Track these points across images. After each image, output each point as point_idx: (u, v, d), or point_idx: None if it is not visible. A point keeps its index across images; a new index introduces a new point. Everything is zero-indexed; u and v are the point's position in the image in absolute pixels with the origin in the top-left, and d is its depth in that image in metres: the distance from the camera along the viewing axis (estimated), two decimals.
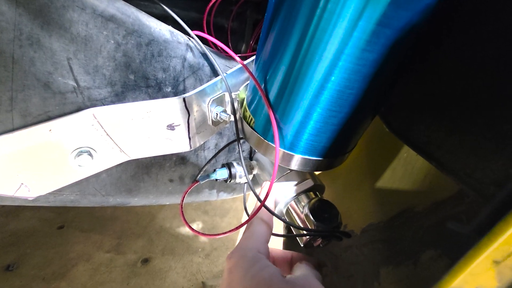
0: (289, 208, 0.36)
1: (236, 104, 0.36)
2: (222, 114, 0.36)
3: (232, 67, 0.40)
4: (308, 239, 0.32)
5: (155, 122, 0.33)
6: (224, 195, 0.56)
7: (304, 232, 0.32)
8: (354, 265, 0.40)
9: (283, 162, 0.29)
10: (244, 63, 0.35)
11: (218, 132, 0.45)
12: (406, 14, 0.19)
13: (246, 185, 0.43)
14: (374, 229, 0.38)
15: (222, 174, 0.39)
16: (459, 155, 0.23)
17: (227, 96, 0.38)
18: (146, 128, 0.33)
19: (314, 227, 0.31)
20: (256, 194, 0.32)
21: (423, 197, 0.32)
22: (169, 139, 0.35)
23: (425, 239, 0.30)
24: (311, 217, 0.32)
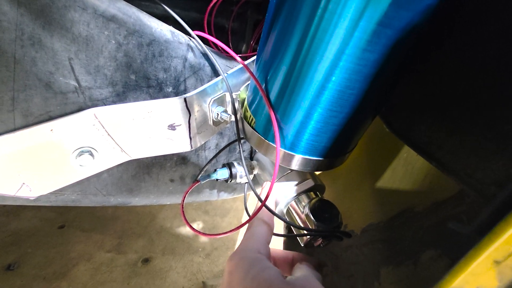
0: (289, 208, 0.36)
1: (237, 104, 0.36)
2: (223, 114, 0.36)
3: (232, 67, 0.40)
4: (309, 239, 0.32)
5: (156, 122, 0.33)
6: (224, 195, 0.57)
7: (305, 232, 0.32)
8: (354, 265, 0.40)
9: (283, 162, 0.29)
10: (245, 63, 0.35)
11: (218, 132, 0.45)
12: (407, 14, 0.19)
13: (246, 185, 0.43)
14: (374, 229, 0.38)
15: (222, 174, 0.39)
16: (460, 155, 0.23)
17: (228, 96, 0.38)
18: (147, 128, 0.33)
19: (315, 227, 0.31)
20: (257, 194, 0.32)
21: (423, 197, 0.32)
22: (170, 139, 0.36)
23: (425, 239, 0.30)
24: (311, 217, 0.32)
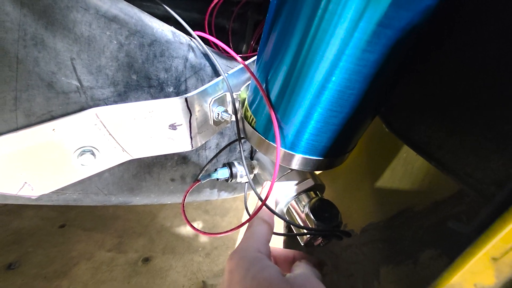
0: (289, 208, 0.36)
1: (237, 104, 0.36)
2: (224, 114, 0.36)
3: (233, 68, 0.40)
4: (309, 238, 0.32)
5: (157, 121, 0.34)
6: (225, 195, 0.57)
7: (305, 231, 0.32)
8: (354, 264, 0.40)
9: (284, 162, 0.29)
10: (245, 63, 0.35)
11: (219, 132, 0.45)
12: (407, 15, 0.19)
13: (247, 184, 0.43)
14: (374, 228, 0.38)
15: (223, 174, 0.39)
16: (460, 155, 0.23)
17: (228, 96, 0.38)
18: (148, 127, 0.33)
19: (315, 226, 0.32)
20: (258, 194, 0.32)
21: (423, 197, 0.32)
22: (171, 139, 0.36)
23: (425, 239, 0.30)
24: (311, 216, 0.32)
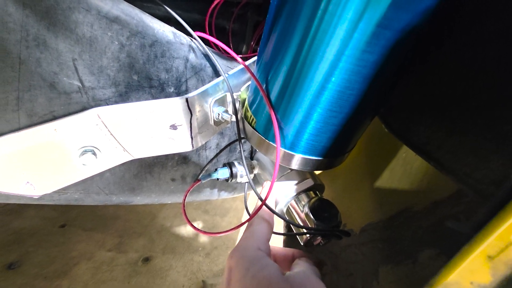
0: (289, 207, 0.36)
1: (237, 105, 0.37)
2: (224, 114, 0.37)
3: (233, 68, 0.40)
4: (308, 237, 0.32)
5: (158, 122, 0.34)
6: (225, 194, 0.57)
7: (304, 231, 0.33)
8: (354, 264, 0.40)
9: (283, 162, 0.30)
10: (245, 63, 0.36)
11: (219, 132, 0.45)
12: (406, 16, 0.19)
13: (247, 184, 0.43)
14: (373, 228, 0.38)
15: (223, 174, 0.39)
16: (459, 155, 0.24)
17: (228, 97, 0.38)
18: (149, 127, 0.34)
19: (314, 225, 0.32)
20: (258, 193, 0.32)
21: (422, 197, 0.32)
22: (171, 139, 0.36)
23: (424, 239, 0.30)
24: (311, 216, 0.32)
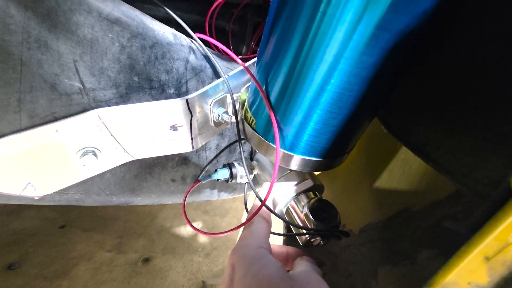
0: (289, 208, 0.37)
1: (237, 106, 0.37)
2: (224, 115, 0.37)
3: (233, 69, 0.40)
4: (308, 238, 0.33)
5: (159, 123, 0.34)
6: (225, 195, 0.57)
7: (304, 231, 0.33)
8: (353, 264, 0.40)
9: (283, 163, 0.30)
10: (245, 65, 0.36)
11: (219, 133, 0.46)
12: (405, 18, 0.20)
13: (246, 185, 0.44)
14: (372, 229, 0.39)
15: (223, 174, 0.39)
16: (459, 156, 0.24)
17: (228, 98, 0.39)
18: (150, 128, 0.34)
19: (314, 226, 0.32)
20: (257, 194, 0.32)
21: (420, 197, 0.32)
22: (172, 140, 0.36)
23: (422, 239, 0.31)
24: (310, 216, 0.32)
